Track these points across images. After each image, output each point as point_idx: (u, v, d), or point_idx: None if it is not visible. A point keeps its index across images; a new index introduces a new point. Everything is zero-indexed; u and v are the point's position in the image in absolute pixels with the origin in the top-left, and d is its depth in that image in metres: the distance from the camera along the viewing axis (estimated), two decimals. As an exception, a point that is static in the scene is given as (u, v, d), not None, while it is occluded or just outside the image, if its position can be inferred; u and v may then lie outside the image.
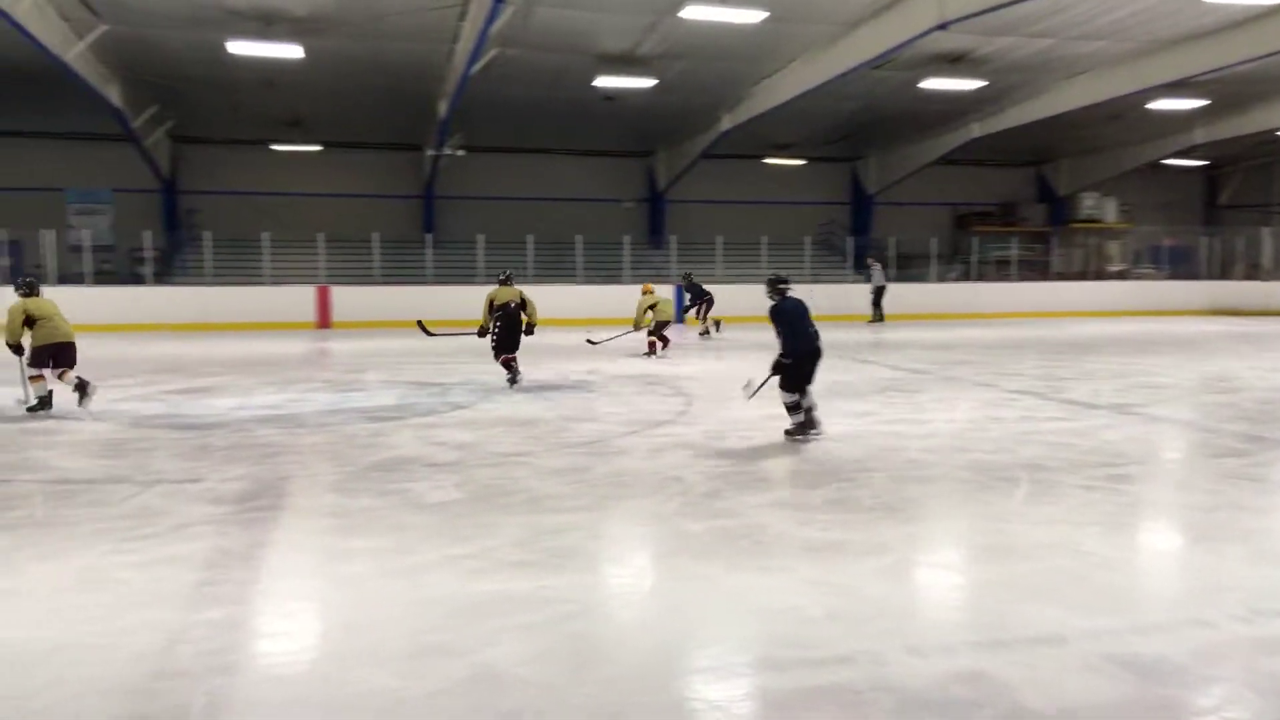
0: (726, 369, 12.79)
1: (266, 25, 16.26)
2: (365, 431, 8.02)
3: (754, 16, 15.73)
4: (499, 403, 9.66)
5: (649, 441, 7.55)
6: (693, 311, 19.39)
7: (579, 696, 3.18)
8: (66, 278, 21.53)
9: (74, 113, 21.32)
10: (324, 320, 21.20)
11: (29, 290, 9.17)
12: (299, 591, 4.29)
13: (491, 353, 10.99)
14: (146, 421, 8.44)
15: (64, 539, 4.91)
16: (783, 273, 7.89)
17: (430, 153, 24.86)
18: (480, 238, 23.20)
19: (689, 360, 14.10)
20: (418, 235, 26.35)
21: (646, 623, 3.89)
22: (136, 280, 23.19)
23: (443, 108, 20.64)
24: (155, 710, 3.07)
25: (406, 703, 3.12)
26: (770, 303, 7.69)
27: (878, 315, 23.37)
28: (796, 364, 7.46)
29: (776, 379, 7.59)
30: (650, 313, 14.94)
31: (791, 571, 4.40)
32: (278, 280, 22.36)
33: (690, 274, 20.37)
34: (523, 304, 10.99)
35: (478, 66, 16.73)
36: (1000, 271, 28.40)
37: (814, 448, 7.27)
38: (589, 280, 23.83)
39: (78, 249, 22.13)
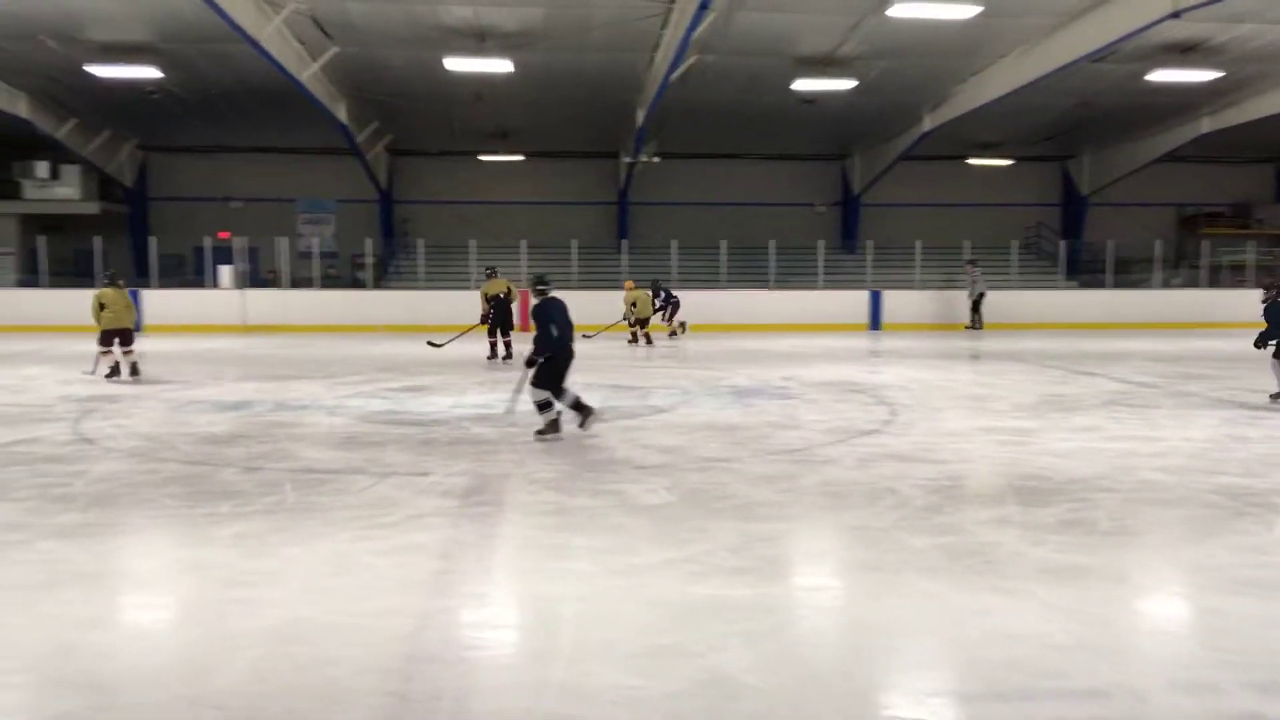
0: (933, 378, 12.34)
1: (480, 41, 17.07)
2: (573, 433, 8.23)
3: (966, 12, 15.13)
4: (699, 407, 9.71)
5: (856, 451, 7.38)
6: (658, 316, 19.11)
7: (812, 709, 3.12)
8: (298, 281, 23.36)
9: (304, 129, 23.14)
10: (525, 323, 21.99)
11: (109, 283, 11.93)
12: (531, 584, 4.43)
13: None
14: (375, 417, 9.01)
15: (314, 524, 5.29)
16: (545, 273, 8.31)
17: (626, 159, 25.37)
18: (674, 242, 23.44)
19: (890, 367, 13.71)
20: (613, 240, 26.95)
21: (878, 639, 3.77)
22: (357, 284, 24.89)
23: (640, 115, 21.02)
24: (413, 691, 3.24)
25: (645, 701, 3.16)
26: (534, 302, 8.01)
27: (976, 322, 22.14)
28: (550, 362, 7.79)
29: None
30: (633, 309, 18.01)
31: (1030, 595, 4.16)
32: (482, 284, 23.39)
33: (658, 280, 20.19)
34: (509, 293, 14.15)
35: (677, 73, 16.93)
36: (1234, 277, 26.05)
37: (1035, 463, 6.88)
38: (782, 285, 23.62)
39: (307, 255, 23.97)
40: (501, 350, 14.87)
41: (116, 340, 11.76)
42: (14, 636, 3.73)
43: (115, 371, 11.72)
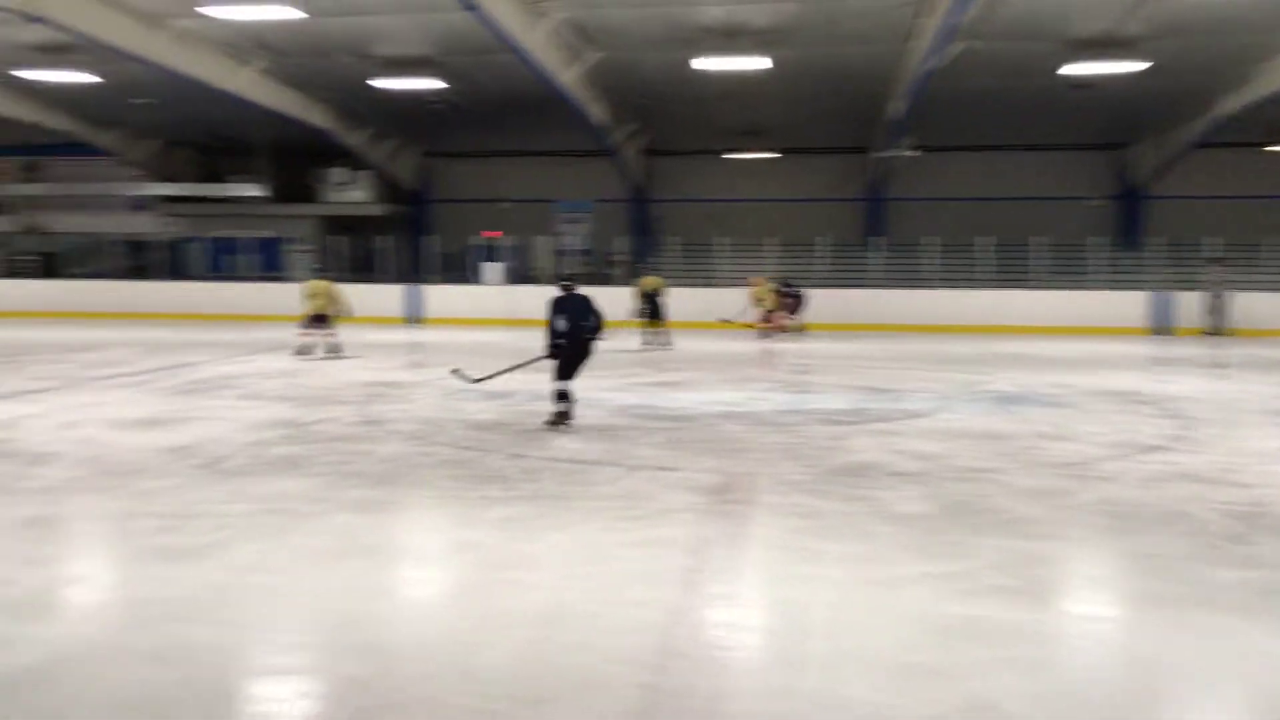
0: (1231, 389, 11.06)
1: (731, 39, 17.12)
2: (824, 434, 8.07)
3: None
4: (958, 413, 9.22)
5: (1141, 468, 6.71)
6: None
7: (1098, 753, 2.85)
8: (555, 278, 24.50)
9: (566, 132, 24.19)
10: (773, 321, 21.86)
11: (316, 274, 14.63)
12: (780, 588, 4.35)
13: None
14: (627, 411, 9.25)
15: (571, 513, 5.48)
16: (572, 274, 9.39)
17: (878, 154, 24.61)
18: (929, 239, 22.48)
19: (1179, 376, 12.42)
20: (863, 238, 26.25)
21: (1170, 681, 3.39)
22: (606, 281, 25.77)
23: (894, 108, 20.30)
24: (665, 685, 3.27)
25: (902, 723, 3.01)
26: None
27: (1217, 326, 19.52)
28: (560, 354, 8.14)
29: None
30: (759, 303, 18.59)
31: (1363, 645, 3.60)
32: (730, 282, 23.51)
33: (788, 279, 19.87)
34: (659, 290, 14.71)
35: (936, 63, 16.17)
36: None
37: (1366, 493, 5.97)
38: (1049, 285, 22.04)
39: (563, 253, 25.09)
40: (651, 340, 16.61)
41: (316, 323, 14.00)
42: (309, 602, 4.11)
43: (309, 350, 13.87)
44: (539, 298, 21.20)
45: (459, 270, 25.41)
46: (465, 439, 7.65)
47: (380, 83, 20.17)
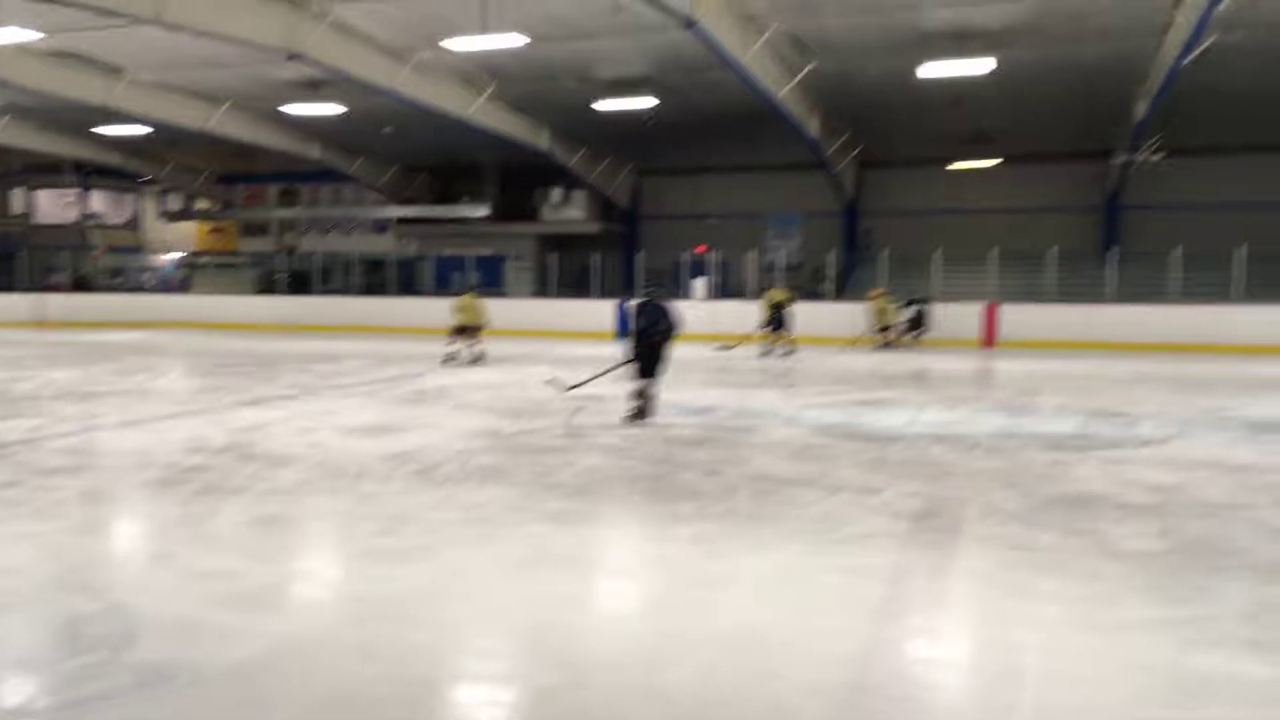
0: None
1: (959, 43, 16.43)
2: (1043, 460, 7.51)
3: None
4: (1200, 440, 8.34)
5: None
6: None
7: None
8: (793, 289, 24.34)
9: (774, 145, 24.05)
10: (989, 338, 20.78)
11: (465, 290, 15.88)
12: (987, 626, 4.06)
13: None
14: (829, 430, 8.99)
15: (765, 533, 5.36)
16: (657, 281, 10.74)
17: (1120, 159, 22.84)
18: (1176, 251, 20.60)
19: None
20: (1097, 249, 24.45)
21: None
22: (817, 296, 25.32)
23: (1140, 108, 18.78)
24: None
25: (1124, 790, 2.70)
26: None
27: None
28: (637, 356, 8.96)
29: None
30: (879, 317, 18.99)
31: None
32: (946, 298, 22.53)
33: (915, 294, 19.65)
34: (788, 299, 14.70)
35: (1191, 57, 14.81)
36: None
37: None
38: (1318, 299, 19.66)
39: (771, 268, 24.90)
40: (780, 350, 17.58)
41: (463, 334, 15.50)
42: (503, 611, 4.22)
43: (454, 358, 15.30)
44: (741, 314, 21.38)
45: (664, 285, 25.76)
46: (662, 454, 7.68)
47: (597, 105, 20.82)
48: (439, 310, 21.14)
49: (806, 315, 19.11)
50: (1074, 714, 3.16)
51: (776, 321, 17.64)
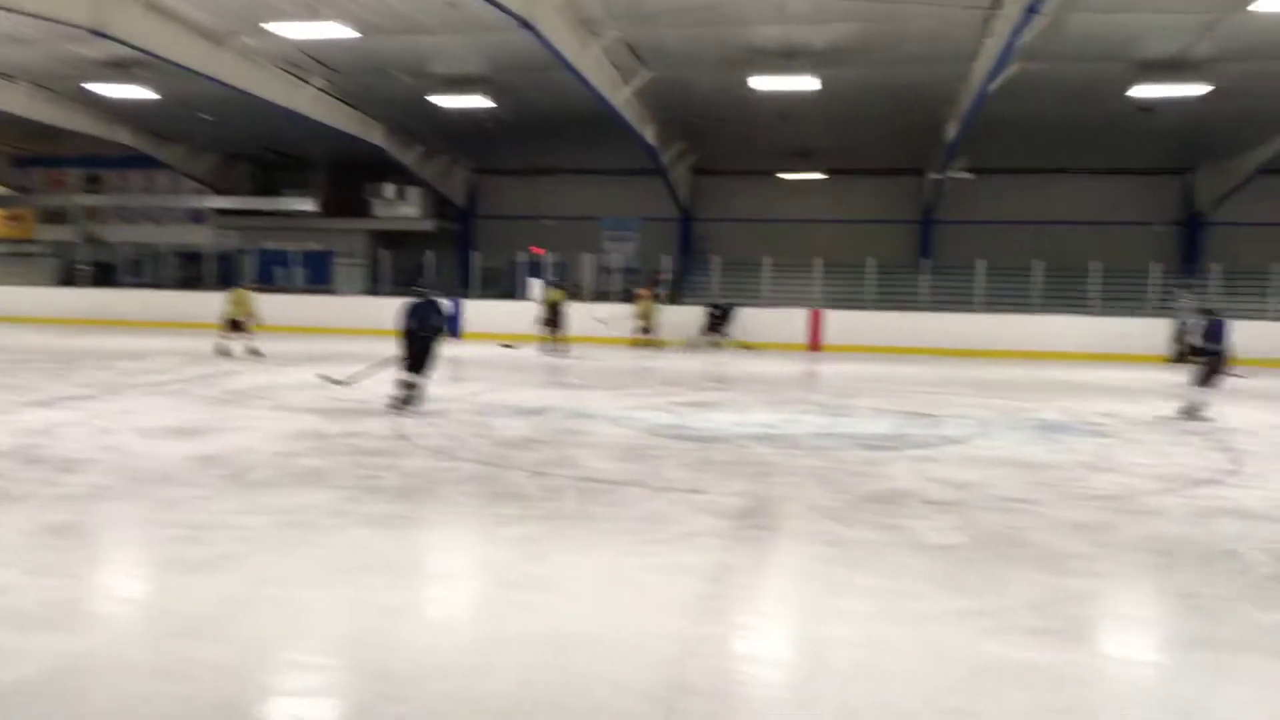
0: (1287, 423, 10.61)
1: (788, 60, 17.00)
2: (858, 459, 7.86)
3: (1347, 1, 12.98)
4: (998, 440, 8.94)
5: (1190, 503, 6.42)
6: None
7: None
8: (601, 295, 24.48)
9: (613, 151, 24.22)
10: (815, 342, 21.65)
11: (239, 285, 16.22)
12: (801, 622, 4.19)
13: None
14: (658, 430, 9.11)
15: (590, 534, 5.36)
16: (425, 282, 11.45)
17: (933, 176, 24.27)
18: (980, 262, 22.06)
19: (1236, 407, 11.96)
20: (913, 260, 25.88)
21: (1210, 734, 3.16)
22: (654, 299, 25.66)
23: (951, 130, 20.00)
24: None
25: (920, 773, 2.83)
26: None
27: (1181, 354, 18.51)
28: (406, 350, 9.73)
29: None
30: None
31: None
32: (774, 302, 23.31)
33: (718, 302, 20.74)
34: (561, 301, 14.98)
35: (996, 84, 15.88)
36: None
37: None
38: (1106, 311, 21.49)
39: (608, 270, 25.08)
40: (549, 349, 18.03)
41: (235, 328, 15.95)
42: (316, 621, 4.02)
43: (227, 352, 15.64)
44: (579, 315, 21.39)
45: (501, 286, 25.54)
46: (490, 455, 7.57)
47: (435, 99, 20.38)
48: (262, 306, 20.16)
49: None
50: (879, 705, 3.29)
51: (552, 320, 18.90)
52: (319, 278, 26.15)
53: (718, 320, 21.03)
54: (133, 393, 10.76)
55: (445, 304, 10.54)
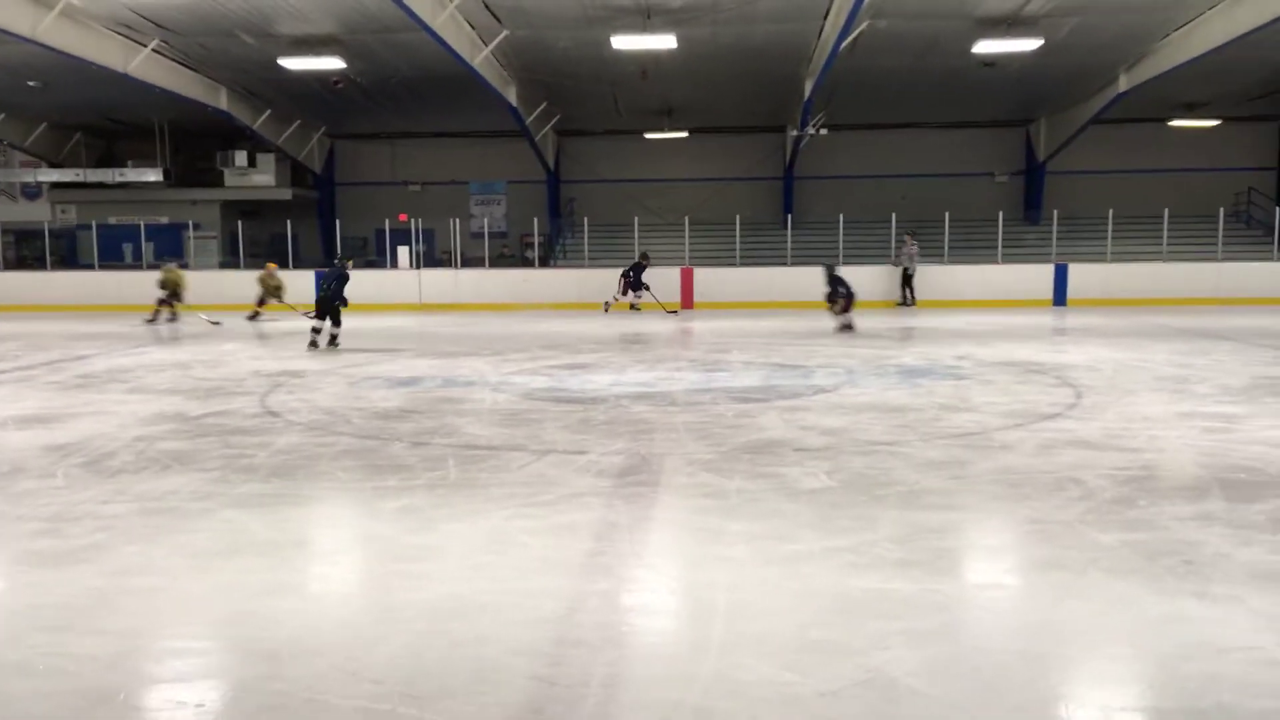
0: (1125, 357, 11.44)
1: (646, 19, 17.00)
2: (733, 412, 8.09)
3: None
4: (864, 387, 9.35)
5: (1036, 437, 6.89)
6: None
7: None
8: (469, 261, 24.15)
9: (477, 113, 23.80)
10: (687, 301, 21.96)
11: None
12: (684, 570, 4.33)
13: None
14: (536, 394, 9.14)
15: (473, 500, 5.37)
16: (343, 257, 14.57)
17: (792, 134, 24.81)
18: (840, 217, 22.78)
19: (1076, 346, 12.81)
20: (778, 217, 26.48)
21: (1059, 645, 3.45)
22: (526, 263, 25.51)
23: (807, 87, 20.46)
24: (560, 675, 3.20)
25: (799, 700, 3.00)
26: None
27: (908, 298, 21.12)
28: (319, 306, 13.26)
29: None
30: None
31: (1238, 601, 3.72)
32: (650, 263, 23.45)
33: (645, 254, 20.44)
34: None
35: (847, 41, 16.32)
36: None
37: (1244, 453, 6.21)
38: (957, 259, 22.56)
39: (479, 235, 24.76)
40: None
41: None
42: (194, 602, 3.94)
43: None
44: (448, 282, 21.09)
45: (364, 255, 24.88)
46: (367, 428, 7.46)
47: (282, 62, 19.52)
48: (108, 285, 19.15)
49: (515, 284, 19.11)
50: (756, 641, 3.45)
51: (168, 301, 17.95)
52: (171, 251, 24.83)
53: (635, 281, 20.05)
54: (-30, 383, 10.07)
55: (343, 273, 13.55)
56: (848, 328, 15.24)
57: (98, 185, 27.10)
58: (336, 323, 13.17)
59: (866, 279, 20.19)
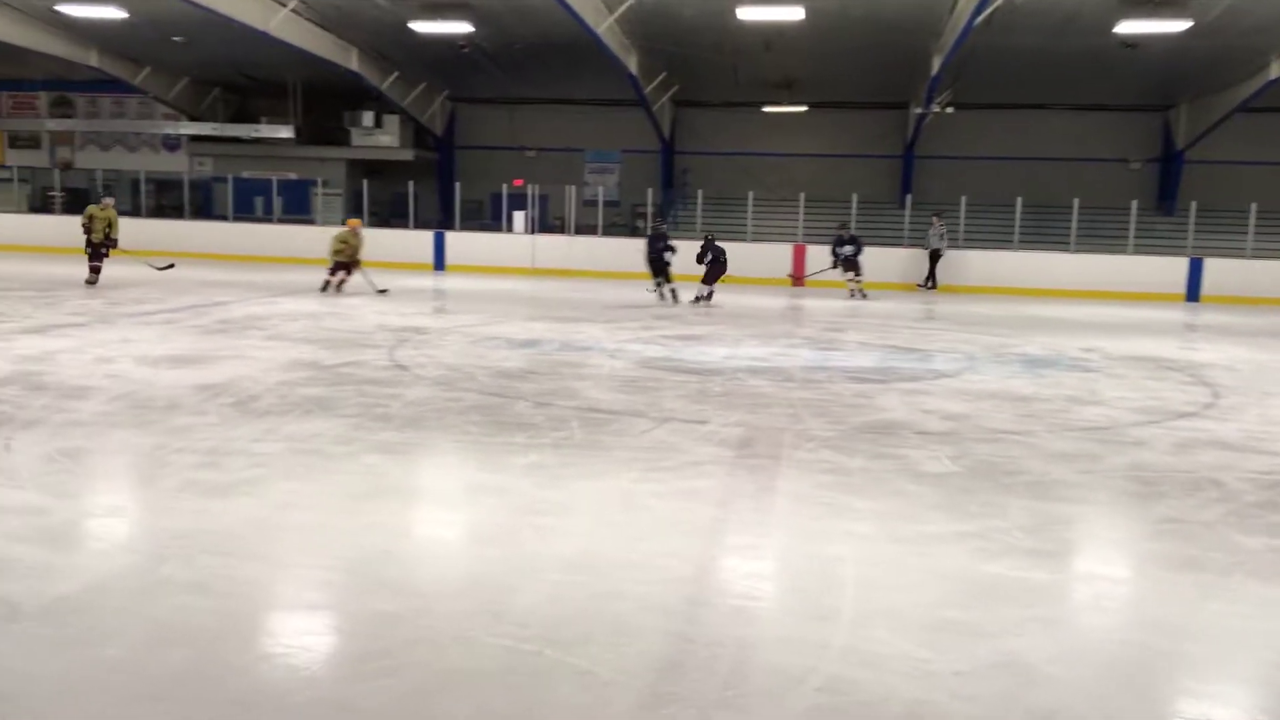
0: (1266, 358, 10.89)
1: (775, -12, 16.80)
2: (850, 391, 8.04)
3: (1338, -64, 12.97)
4: (985, 374, 9.15)
5: (1172, 435, 6.66)
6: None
7: (1114, 710, 2.85)
8: (581, 229, 24.38)
9: (595, 81, 23.91)
10: (799, 277, 21.73)
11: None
12: (809, 542, 4.36)
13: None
14: (653, 363, 9.24)
15: (599, 462, 5.51)
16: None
17: (916, 111, 24.19)
18: (962, 199, 22.15)
19: (1212, 344, 12.25)
20: (895, 196, 25.92)
21: (1197, 645, 3.38)
22: (636, 233, 25.60)
23: (936, 63, 19.91)
24: (697, 634, 3.29)
25: (934, 676, 3.02)
26: None
27: (930, 282, 20.28)
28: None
29: None
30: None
31: (1397, 617, 3.58)
32: (758, 238, 23.33)
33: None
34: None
35: (982, 17, 15.80)
36: None
37: (1403, 466, 5.89)
38: (1084, 249, 21.72)
39: (592, 203, 24.96)
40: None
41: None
42: (345, 537, 4.16)
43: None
44: (561, 248, 21.26)
45: (480, 218, 25.35)
46: (491, 386, 7.68)
47: (413, 25, 19.98)
48: (239, 236, 19.94)
49: (627, 253, 19.24)
50: (886, 614, 3.48)
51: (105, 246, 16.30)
52: (298, 207, 25.78)
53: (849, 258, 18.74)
54: (125, 322, 10.72)
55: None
56: (704, 298, 15.82)
57: (233, 140, 28.27)
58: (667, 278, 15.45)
59: (980, 264, 19.68)
